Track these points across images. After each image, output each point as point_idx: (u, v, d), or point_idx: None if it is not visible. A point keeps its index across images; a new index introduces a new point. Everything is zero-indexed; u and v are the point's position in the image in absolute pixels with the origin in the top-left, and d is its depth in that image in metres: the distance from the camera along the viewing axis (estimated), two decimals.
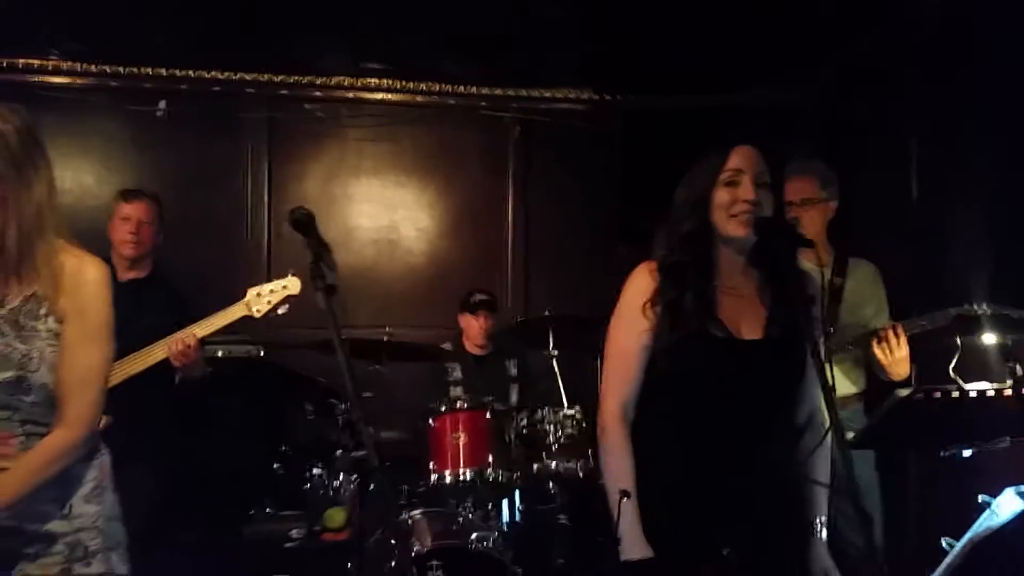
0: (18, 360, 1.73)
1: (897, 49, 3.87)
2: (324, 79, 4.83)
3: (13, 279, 1.76)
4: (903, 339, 2.81)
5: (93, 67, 4.58)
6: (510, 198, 5.06)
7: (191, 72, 4.68)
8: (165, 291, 3.28)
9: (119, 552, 1.87)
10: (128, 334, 3.12)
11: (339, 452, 3.41)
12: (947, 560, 1.81)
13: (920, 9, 3.69)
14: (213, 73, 4.71)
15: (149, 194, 3.51)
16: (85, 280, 1.80)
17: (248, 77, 4.74)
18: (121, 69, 4.61)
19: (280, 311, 2.91)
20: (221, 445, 3.64)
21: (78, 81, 4.59)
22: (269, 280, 3.02)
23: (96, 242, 3.47)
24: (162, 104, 4.64)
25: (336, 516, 3.33)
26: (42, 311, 1.77)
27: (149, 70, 4.63)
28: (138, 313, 3.19)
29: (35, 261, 1.76)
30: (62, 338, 1.77)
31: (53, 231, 1.79)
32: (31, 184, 1.75)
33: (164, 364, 2.96)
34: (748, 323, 1.92)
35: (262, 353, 4.28)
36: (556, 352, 3.74)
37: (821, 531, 1.97)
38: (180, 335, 2.90)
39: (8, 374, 1.72)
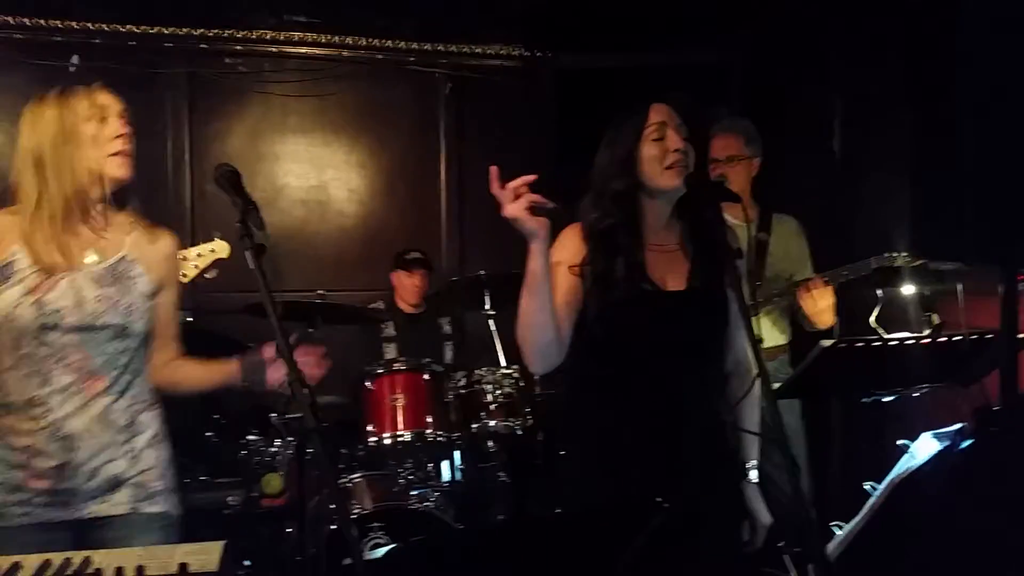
0: (123, 310, 1.89)
1: (821, 9, 3.93)
2: (246, 32, 4.66)
3: (104, 237, 1.93)
4: (826, 288, 2.90)
5: None
6: (442, 156, 5.00)
7: (105, 25, 4.44)
8: None
9: (177, 495, 1.99)
10: None
11: (272, 416, 3.36)
12: (869, 502, 1.90)
13: None
14: (129, 27, 4.48)
15: None
16: (170, 253, 2.03)
17: (166, 31, 4.53)
18: (27, 20, 4.35)
19: (208, 275, 2.82)
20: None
21: None
22: (193, 242, 2.91)
23: (5, 205, 3.34)
24: (74, 59, 4.40)
25: (273, 482, 3.29)
26: (134, 272, 1.94)
27: (59, 22, 4.38)
28: None
29: (123, 222, 1.96)
30: (161, 303, 1.98)
31: None
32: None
33: None
34: (673, 276, 1.97)
35: (190, 319, 4.16)
36: (492, 312, 3.74)
37: (751, 473, 2.05)
38: None
39: (116, 320, 1.88)
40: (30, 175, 1.87)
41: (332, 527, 2.56)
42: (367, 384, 3.39)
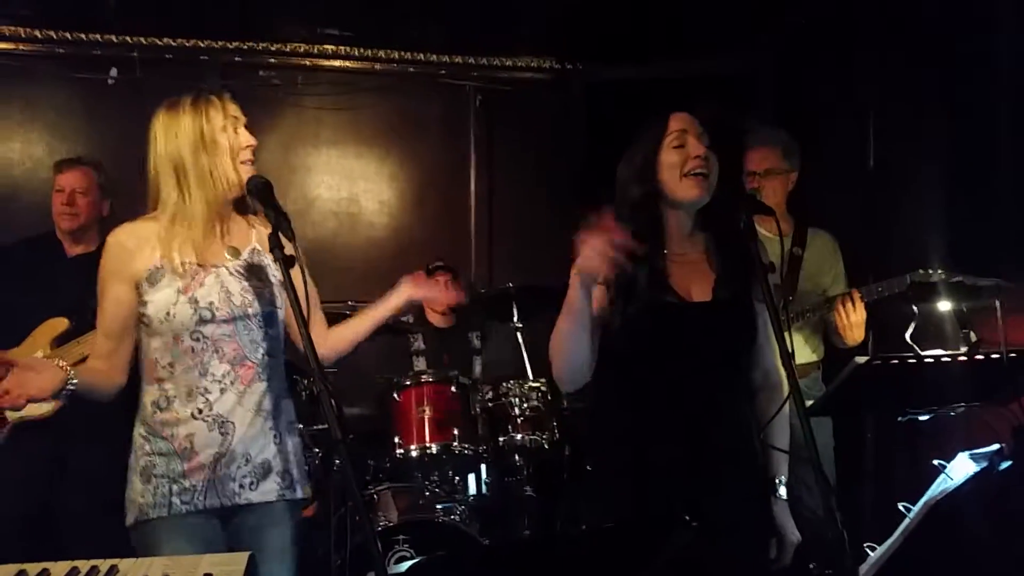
0: (267, 298, 2.01)
1: (856, 18, 3.88)
2: (280, 45, 4.70)
3: (234, 235, 2.03)
4: (860, 305, 2.85)
5: (39, 33, 4.40)
6: (472, 168, 5.00)
7: (143, 39, 4.52)
8: None
9: (309, 482, 2.08)
10: (82, 313, 3.06)
11: (300, 426, 3.36)
12: (904, 524, 1.86)
13: None
14: (165, 40, 4.56)
15: (86, 161, 3.39)
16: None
17: (202, 44, 4.59)
18: (69, 35, 4.44)
19: None
20: None
21: (22, 47, 4.42)
22: None
23: (46, 217, 3.40)
24: (113, 72, 4.49)
25: None
26: (266, 262, 2.04)
27: (98, 36, 4.47)
28: (90, 290, 3.10)
29: (244, 219, 2.06)
30: (297, 280, 1.98)
31: None
32: None
33: None
34: (697, 287, 1.95)
35: None
36: (520, 324, 3.73)
37: (780, 490, 2.01)
38: None
39: (264, 308, 1.99)
40: (171, 182, 1.97)
41: (357, 539, 2.55)
42: (395, 396, 3.39)
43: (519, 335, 3.71)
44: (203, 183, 1.95)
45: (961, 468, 1.87)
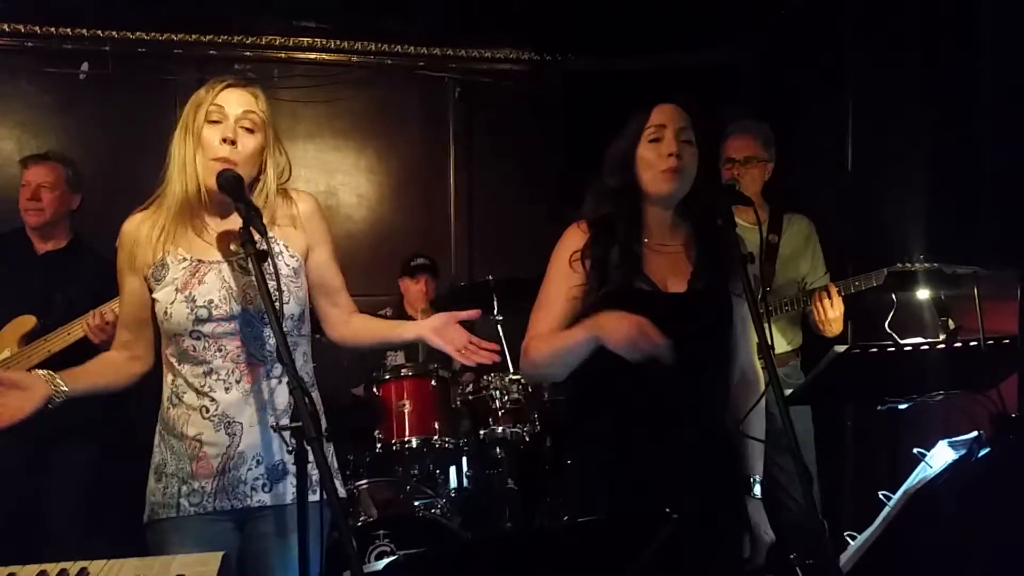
0: (272, 294, 1.83)
1: (835, 11, 3.89)
2: (255, 38, 4.64)
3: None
4: (837, 299, 2.87)
5: (7, 26, 4.32)
6: (451, 161, 4.97)
7: (115, 32, 4.45)
8: (87, 262, 3.14)
9: (338, 480, 1.97)
10: (51, 310, 3.01)
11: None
12: (884, 512, 1.86)
13: None
14: (139, 33, 4.49)
15: (53, 156, 3.33)
16: (310, 213, 2.01)
17: (175, 37, 4.54)
18: (39, 29, 4.37)
19: None
20: (155, 423, 3.53)
21: None
22: None
23: (16, 213, 3.34)
24: (84, 66, 4.41)
25: None
26: (276, 251, 1.90)
27: (69, 30, 4.39)
28: (59, 287, 3.06)
29: (273, 210, 1.95)
30: (315, 264, 2.01)
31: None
32: (272, 146, 1.98)
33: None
34: (674, 278, 1.95)
35: None
36: (500, 317, 3.71)
37: (755, 488, 2.00)
38: (98, 310, 2.80)
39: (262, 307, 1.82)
40: (170, 170, 1.90)
41: (335, 534, 2.53)
42: (375, 390, 3.37)
43: (499, 328, 3.70)
44: (185, 172, 1.87)
45: (941, 456, 1.87)
